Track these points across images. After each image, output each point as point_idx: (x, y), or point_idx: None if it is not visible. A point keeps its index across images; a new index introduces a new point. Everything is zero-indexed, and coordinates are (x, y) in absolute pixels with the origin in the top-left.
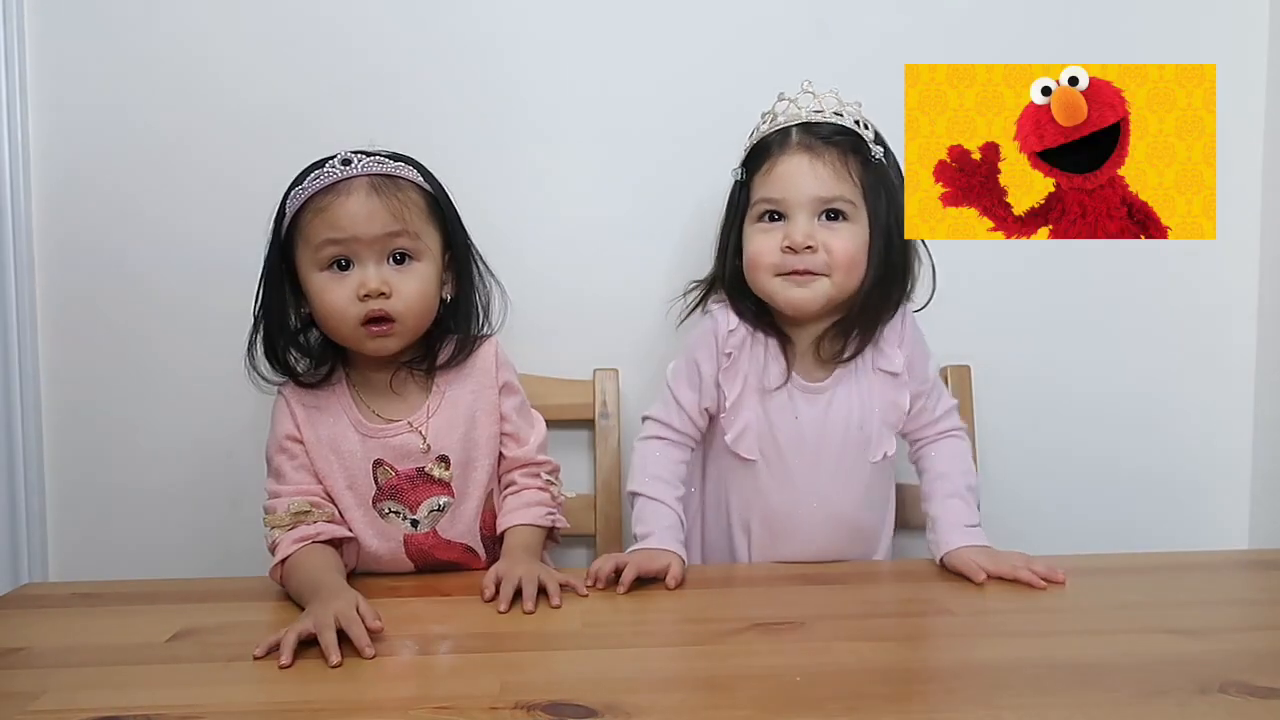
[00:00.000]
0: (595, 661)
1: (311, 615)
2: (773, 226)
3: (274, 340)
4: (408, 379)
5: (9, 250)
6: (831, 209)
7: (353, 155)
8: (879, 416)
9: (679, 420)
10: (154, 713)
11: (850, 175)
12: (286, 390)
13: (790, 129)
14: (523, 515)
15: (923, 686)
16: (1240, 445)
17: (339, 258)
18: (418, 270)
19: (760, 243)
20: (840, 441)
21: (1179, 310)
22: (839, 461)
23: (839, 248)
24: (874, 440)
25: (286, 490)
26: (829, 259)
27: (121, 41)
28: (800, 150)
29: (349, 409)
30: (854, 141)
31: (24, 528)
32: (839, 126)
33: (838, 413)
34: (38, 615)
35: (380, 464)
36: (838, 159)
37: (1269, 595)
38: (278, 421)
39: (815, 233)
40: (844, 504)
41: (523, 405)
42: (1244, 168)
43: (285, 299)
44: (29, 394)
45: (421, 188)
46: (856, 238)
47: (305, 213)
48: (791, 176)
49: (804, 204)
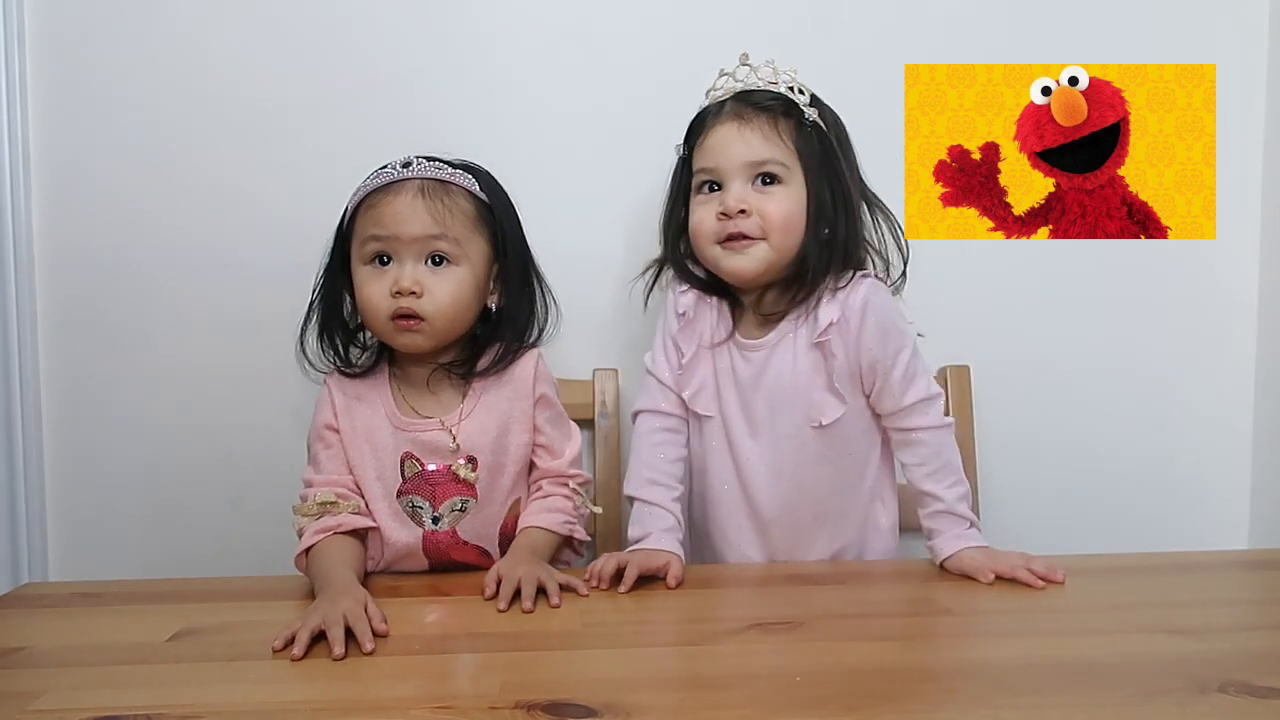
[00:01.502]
0: (595, 661)
1: (320, 611)
2: (711, 197)
3: (329, 327)
4: (444, 379)
5: (9, 250)
6: (764, 173)
7: (415, 159)
8: (816, 381)
9: (666, 401)
10: (154, 713)
11: (781, 139)
12: (330, 380)
13: (725, 101)
14: (540, 519)
15: (923, 686)
16: (1240, 445)
17: (380, 253)
18: (454, 274)
19: (700, 213)
20: (778, 400)
21: (1179, 310)
22: (781, 421)
23: (773, 210)
24: (813, 405)
25: (319, 480)
26: (763, 223)
27: (122, 42)
28: (730, 118)
29: (386, 401)
30: (785, 105)
31: (24, 528)
32: (771, 93)
33: (773, 371)
34: (38, 615)
35: (409, 457)
36: (767, 123)
37: (1269, 595)
38: (319, 410)
39: (748, 197)
40: (792, 465)
41: (558, 418)
42: (1244, 166)
43: (341, 289)
44: (29, 394)
45: (476, 197)
46: (790, 199)
47: (360, 208)
48: (722, 144)
49: (735, 170)
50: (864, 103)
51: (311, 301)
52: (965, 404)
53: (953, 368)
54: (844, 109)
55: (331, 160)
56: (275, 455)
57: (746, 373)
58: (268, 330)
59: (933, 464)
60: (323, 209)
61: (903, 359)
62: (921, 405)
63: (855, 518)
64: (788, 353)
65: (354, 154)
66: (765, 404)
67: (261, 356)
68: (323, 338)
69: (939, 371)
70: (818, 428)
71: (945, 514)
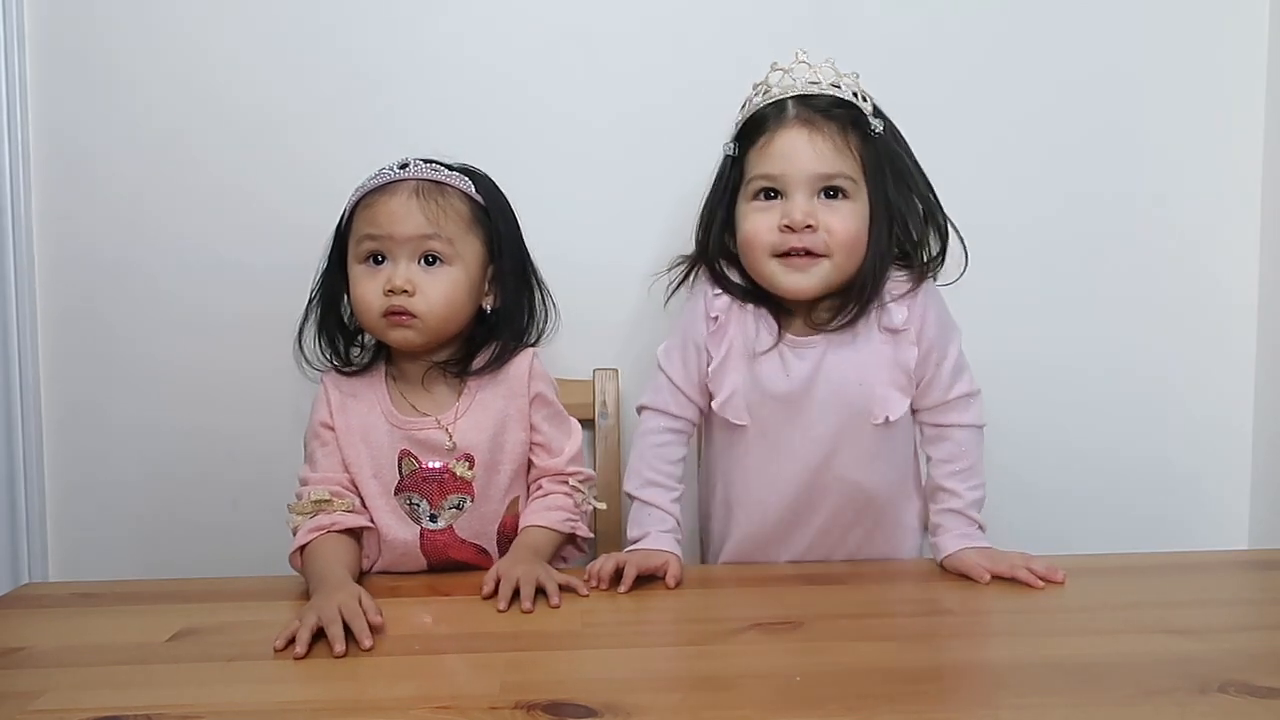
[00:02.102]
0: (595, 661)
1: (315, 608)
2: (769, 205)
3: (327, 325)
4: (439, 378)
5: (9, 251)
6: (831, 186)
7: (412, 160)
8: (884, 376)
9: (675, 403)
10: (154, 713)
11: (851, 151)
12: (326, 378)
13: (785, 101)
14: (540, 518)
15: (923, 686)
16: (1240, 445)
17: (375, 252)
18: (446, 274)
19: (757, 221)
20: (836, 398)
21: (1179, 309)
22: (836, 419)
23: (840, 227)
24: (876, 400)
25: (314, 478)
26: (829, 239)
27: (121, 42)
28: (798, 124)
29: (382, 399)
30: (853, 115)
31: (24, 528)
32: (837, 99)
33: (832, 367)
34: (38, 615)
35: (406, 455)
36: (837, 133)
37: (1269, 595)
38: (315, 408)
39: (815, 211)
40: (845, 466)
41: (555, 416)
42: (1244, 164)
43: (339, 289)
44: (29, 394)
45: (471, 198)
46: (857, 216)
47: (357, 209)
48: (790, 152)
49: (803, 181)
50: None
51: (310, 301)
52: None
53: None
54: None
55: (333, 161)
56: (275, 456)
57: (801, 370)
58: (268, 331)
59: (961, 463)
60: (323, 211)
61: (953, 351)
62: (964, 400)
63: (891, 516)
64: (849, 348)
65: (355, 156)
66: (819, 400)
67: (262, 357)
68: (320, 337)
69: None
70: (878, 425)
71: (958, 514)
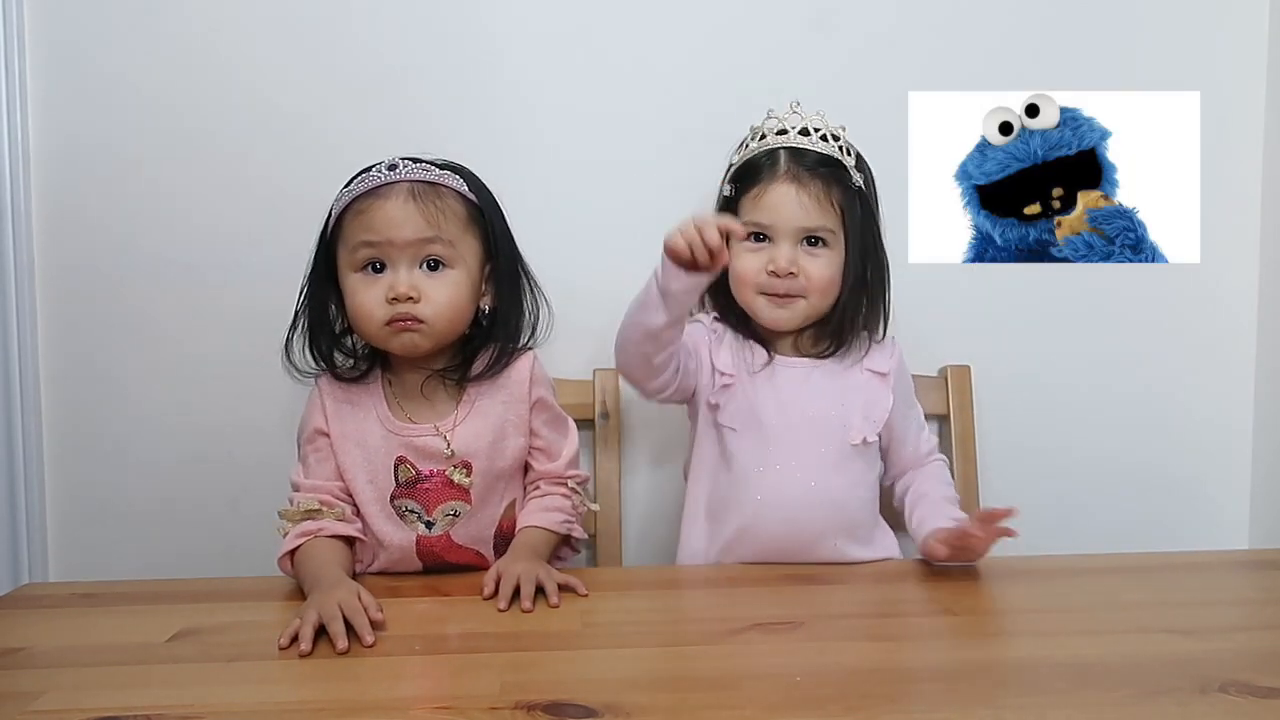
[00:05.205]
0: (595, 661)
1: (315, 605)
2: (759, 247)
3: (316, 336)
4: (439, 386)
5: (9, 250)
6: (813, 236)
7: (400, 161)
8: (859, 409)
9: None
10: (154, 713)
11: (832, 205)
12: (321, 382)
13: (778, 153)
14: (538, 518)
15: (923, 686)
16: (1240, 445)
17: (373, 260)
18: (450, 277)
19: (747, 261)
20: (817, 415)
21: (1179, 310)
22: (814, 432)
23: (817, 274)
24: (852, 424)
25: (306, 485)
26: (807, 283)
27: (121, 41)
28: (787, 180)
29: (379, 405)
30: (837, 172)
31: (24, 528)
32: (824, 156)
33: (816, 388)
34: (38, 615)
35: (402, 461)
36: (822, 190)
37: (1269, 595)
38: (308, 413)
39: (798, 258)
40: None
41: (555, 420)
42: (1243, 171)
43: (328, 297)
44: (29, 394)
45: (465, 198)
46: (833, 263)
47: (347, 214)
48: (779, 205)
49: (789, 232)
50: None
51: (297, 309)
52: (966, 404)
53: (953, 367)
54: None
55: (336, 157)
56: (275, 455)
57: (789, 386)
58: (269, 330)
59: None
60: (325, 208)
61: (919, 412)
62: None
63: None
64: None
65: (358, 151)
66: (802, 414)
67: (262, 356)
68: (312, 345)
69: (939, 371)
70: (854, 445)
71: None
